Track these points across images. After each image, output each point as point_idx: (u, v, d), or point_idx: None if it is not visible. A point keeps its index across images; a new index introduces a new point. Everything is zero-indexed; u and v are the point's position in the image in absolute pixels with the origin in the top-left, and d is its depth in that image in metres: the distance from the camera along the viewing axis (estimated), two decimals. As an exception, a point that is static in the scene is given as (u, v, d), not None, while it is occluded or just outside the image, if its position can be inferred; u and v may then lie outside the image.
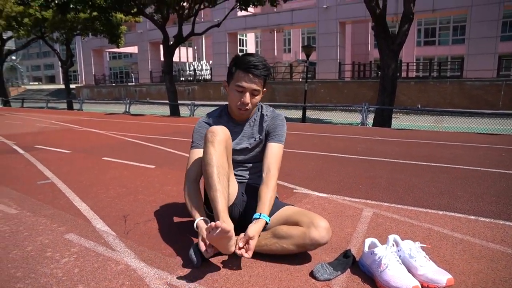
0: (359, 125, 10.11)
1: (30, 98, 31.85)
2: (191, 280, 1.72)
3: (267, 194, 1.91)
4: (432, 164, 4.27)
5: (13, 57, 53.98)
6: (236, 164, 2.19)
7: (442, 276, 1.61)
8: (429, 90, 18.99)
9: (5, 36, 25.81)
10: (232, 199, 2.01)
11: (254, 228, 1.77)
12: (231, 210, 1.98)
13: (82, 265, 1.90)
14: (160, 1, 12.53)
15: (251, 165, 2.22)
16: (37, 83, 63.38)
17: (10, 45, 33.42)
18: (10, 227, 2.45)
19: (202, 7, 14.46)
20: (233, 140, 2.12)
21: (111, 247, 2.11)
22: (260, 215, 1.84)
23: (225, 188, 1.82)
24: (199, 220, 1.84)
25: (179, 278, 1.75)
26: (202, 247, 1.74)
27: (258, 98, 2.04)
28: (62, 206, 2.86)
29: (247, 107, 2.02)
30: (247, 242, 1.73)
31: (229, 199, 1.93)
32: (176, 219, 2.56)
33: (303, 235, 1.78)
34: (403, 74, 23.22)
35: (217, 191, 1.77)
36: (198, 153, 2.03)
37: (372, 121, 10.86)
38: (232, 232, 1.66)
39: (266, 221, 1.84)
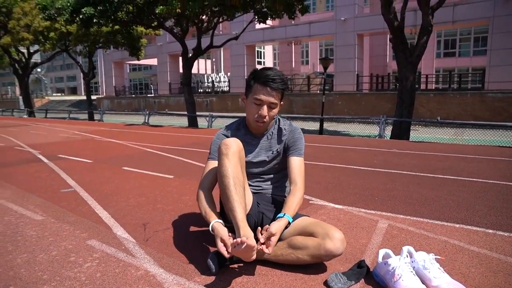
0: (377, 138, 10.04)
1: (53, 109, 32.76)
2: (208, 286, 1.77)
3: (293, 200, 1.98)
4: (451, 177, 4.23)
5: (39, 69, 55.78)
6: (253, 175, 2.22)
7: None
8: (449, 102, 18.73)
9: (31, 50, 26.78)
10: (247, 208, 2.03)
11: (276, 225, 1.81)
12: (246, 220, 2.03)
13: (104, 270, 1.97)
14: (179, 14, 12.83)
15: (268, 176, 2.25)
16: (60, 94, 65.23)
17: (36, 58, 34.57)
18: (36, 232, 2.56)
19: (220, 20, 14.73)
20: (250, 152, 2.17)
21: (131, 253, 2.19)
22: (284, 215, 1.89)
23: (242, 198, 1.86)
24: (214, 222, 1.87)
25: (197, 284, 1.80)
26: (222, 248, 1.75)
27: (275, 111, 2.09)
28: (85, 214, 2.96)
29: (265, 120, 2.07)
30: (268, 238, 1.78)
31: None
32: (193, 228, 2.62)
33: (318, 246, 1.81)
34: (422, 86, 22.98)
35: (235, 201, 1.81)
36: (213, 164, 2.09)
37: (390, 134, 10.78)
38: (255, 245, 1.70)
39: (289, 221, 1.88)
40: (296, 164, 2.12)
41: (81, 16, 12.55)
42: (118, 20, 13.80)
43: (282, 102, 2.12)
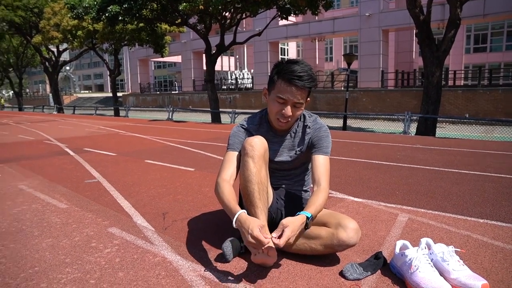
0: (401, 134, 9.84)
1: (80, 106, 33.77)
2: (224, 274, 1.79)
3: (315, 200, 1.82)
4: (477, 173, 4.10)
5: (67, 68, 57.46)
6: (274, 172, 2.12)
7: (477, 281, 1.57)
8: (478, 99, 18.14)
9: (61, 48, 27.63)
10: (268, 204, 1.96)
11: (290, 219, 1.68)
12: None
13: (123, 255, 2.02)
14: (203, 11, 12.92)
15: (289, 172, 2.16)
16: (87, 91, 67.05)
17: (64, 56, 35.65)
18: (61, 219, 2.65)
19: (243, 16, 14.75)
20: (272, 150, 2.03)
21: (150, 241, 2.23)
22: (302, 212, 1.75)
23: (265, 205, 1.81)
24: (241, 213, 1.70)
25: (212, 271, 1.82)
26: (260, 235, 1.60)
27: (300, 109, 1.93)
28: (107, 203, 3.04)
29: (288, 120, 1.92)
30: (281, 231, 1.65)
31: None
32: (211, 219, 2.65)
33: (331, 236, 1.79)
34: (450, 83, 22.35)
35: (258, 208, 1.76)
36: (233, 155, 1.97)
37: (415, 131, 10.54)
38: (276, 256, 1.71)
39: (307, 216, 1.71)
40: (321, 163, 1.96)
41: (107, 14, 12.84)
42: (143, 18, 14.03)
43: (308, 99, 1.94)
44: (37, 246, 2.18)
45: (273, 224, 2.01)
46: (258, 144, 1.83)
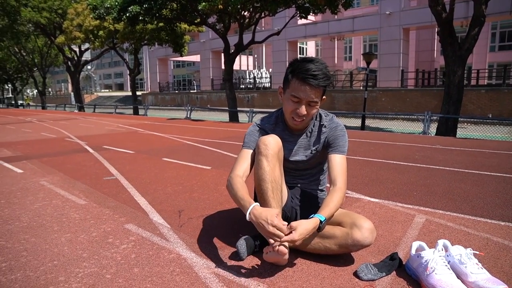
0: (420, 134, 9.66)
1: (101, 104, 34.41)
2: (237, 271, 1.80)
3: (330, 200, 1.80)
4: (498, 174, 3.99)
5: (89, 67, 58.70)
6: (289, 171, 2.11)
7: (496, 285, 1.53)
8: (502, 99, 17.61)
9: (82, 48, 28.25)
10: (283, 203, 1.96)
11: (302, 221, 1.66)
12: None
13: (139, 251, 2.05)
14: (221, 10, 12.98)
15: (305, 171, 2.15)
16: (107, 90, 68.29)
17: (86, 56, 36.42)
18: (79, 215, 2.70)
19: (262, 16, 14.75)
20: (287, 149, 2.03)
21: (165, 238, 2.26)
22: (315, 215, 1.72)
23: (279, 203, 1.81)
24: (255, 206, 1.70)
25: (226, 269, 1.83)
26: (276, 223, 1.61)
27: (315, 109, 1.91)
28: (124, 200, 3.09)
29: (303, 119, 1.91)
30: (290, 232, 1.64)
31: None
32: (227, 216, 2.66)
33: (345, 236, 1.77)
34: (473, 82, 21.79)
35: (272, 207, 1.76)
36: (247, 153, 1.98)
37: (435, 131, 10.33)
38: (287, 252, 1.69)
39: (320, 220, 1.69)
40: (338, 162, 1.94)
41: (127, 14, 13.04)
42: (162, 18, 14.20)
43: (324, 97, 1.93)
44: (56, 240, 2.24)
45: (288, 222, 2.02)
46: (272, 143, 1.83)
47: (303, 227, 1.64)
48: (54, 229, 2.42)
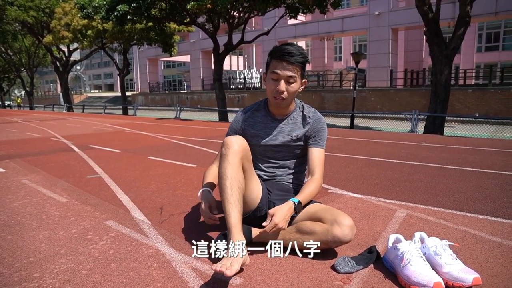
0: (408, 133, 9.74)
1: (90, 105, 34.07)
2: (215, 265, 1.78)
3: (307, 187, 1.96)
4: (481, 170, 4.04)
5: (78, 67, 58.12)
6: (267, 160, 2.17)
7: (469, 274, 1.54)
8: (489, 98, 17.86)
9: (71, 48, 27.97)
10: (256, 202, 1.98)
11: (277, 207, 1.85)
12: (255, 213, 2.00)
13: (117, 247, 2.04)
14: (210, 10, 12.95)
15: (283, 162, 2.18)
16: (97, 91, 67.72)
17: (75, 56, 36.08)
18: (59, 212, 2.67)
19: (252, 15, 14.74)
20: (268, 135, 2.11)
21: (145, 234, 2.24)
22: (290, 199, 1.88)
23: (238, 201, 1.78)
24: (204, 190, 2.05)
25: (204, 263, 1.83)
26: (203, 212, 1.98)
27: (294, 86, 1.97)
28: (106, 197, 3.06)
29: (282, 96, 1.97)
30: (270, 219, 1.80)
31: (251, 204, 1.97)
32: (208, 212, 2.64)
33: (326, 232, 1.78)
34: (460, 82, 22.05)
35: (230, 204, 1.75)
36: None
37: (423, 130, 10.42)
38: (235, 271, 1.53)
39: (294, 201, 1.85)
40: (316, 155, 2.05)
41: (116, 14, 12.93)
42: (151, 17, 14.11)
43: (304, 80, 2.02)
44: (34, 238, 2.21)
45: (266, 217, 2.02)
46: (233, 142, 1.85)
47: (280, 211, 1.81)
48: (32, 227, 2.39)
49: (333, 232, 1.76)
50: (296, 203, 1.85)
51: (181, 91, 36.15)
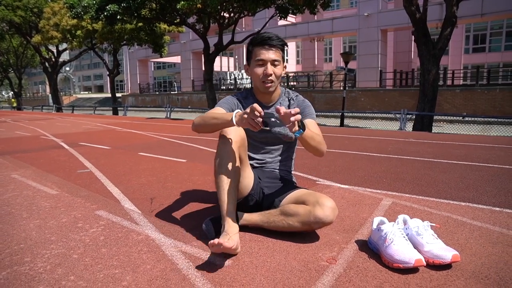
0: (396, 130, 9.86)
1: (80, 106, 33.75)
2: (204, 250, 1.83)
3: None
4: (465, 162, 4.14)
5: (67, 68, 57.53)
6: (257, 146, 2.21)
7: (448, 252, 1.61)
8: (476, 98, 18.15)
9: (60, 48, 27.72)
10: (247, 190, 2.02)
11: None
12: (246, 200, 2.04)
13: (108, 234, 2.07)
14: (201, 10, 12.97)
15: (272, 147, 2.22)
16: (87, 92, 67.13)
17: (64, 57, 35.75)
18: (50, 203, 2.69)
19: (242, 15, 14.80)
20: None
21: (136, 222, 2.27)
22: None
23: (233, 189, 1.84)
24: (237, 111, 1.79)
25: (193, 247, 1.86)
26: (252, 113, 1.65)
27: (279, 68, 2.06)
28: (97, 190, 3.08)
29: (271, 78, 2.05)
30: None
31: (243, 191, 1.99)
32: (198, 204, 2.68)
33: (308, 213, 1.83)
34: (449, 82, 22.37)
35: (224, 191, 1.82)
36: (218, 109, 2.07)
37: (411, 129, 10.57)
38: (236, 246, 1.70)
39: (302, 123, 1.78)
40: (311, 123, 2.07)
41: (105, 13, 12.88)
42: (142, 17, 14.08)
43: (285, 65, 2.12)
44: (25, 226, 2.22)
45: (258, 205, 2.08)
46: (232, 132, 1.89)
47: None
48: (23, 217, 2.41)
49: (315, 213, 1.80)
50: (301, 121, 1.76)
51: (172, 92, 36.00)
